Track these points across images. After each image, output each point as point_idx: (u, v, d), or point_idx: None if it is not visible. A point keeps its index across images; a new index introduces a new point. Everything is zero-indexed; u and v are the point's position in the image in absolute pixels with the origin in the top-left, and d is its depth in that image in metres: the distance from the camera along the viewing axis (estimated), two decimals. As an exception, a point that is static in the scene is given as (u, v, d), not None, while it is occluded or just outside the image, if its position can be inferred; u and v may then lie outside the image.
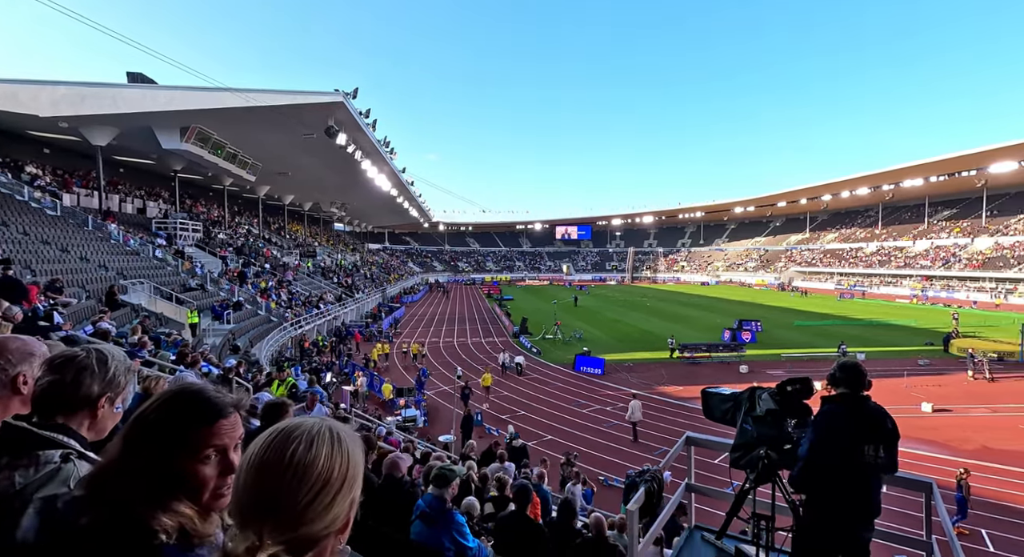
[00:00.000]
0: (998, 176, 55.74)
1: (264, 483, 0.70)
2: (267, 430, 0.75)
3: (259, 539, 0.67)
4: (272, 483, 0.69)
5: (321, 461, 0.71)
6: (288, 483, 0.69)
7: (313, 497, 0.69)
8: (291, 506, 0.69)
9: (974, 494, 11.07)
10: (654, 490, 3.37)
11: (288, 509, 0.69)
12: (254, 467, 0.71)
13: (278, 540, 0.68)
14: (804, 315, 41.03)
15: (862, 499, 2.81)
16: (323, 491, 0.70)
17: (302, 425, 0.76)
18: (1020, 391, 18.84)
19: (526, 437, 14.21)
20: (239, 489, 0.72)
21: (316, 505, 0.69)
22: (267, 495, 0.69)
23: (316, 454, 0.71)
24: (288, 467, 0.70)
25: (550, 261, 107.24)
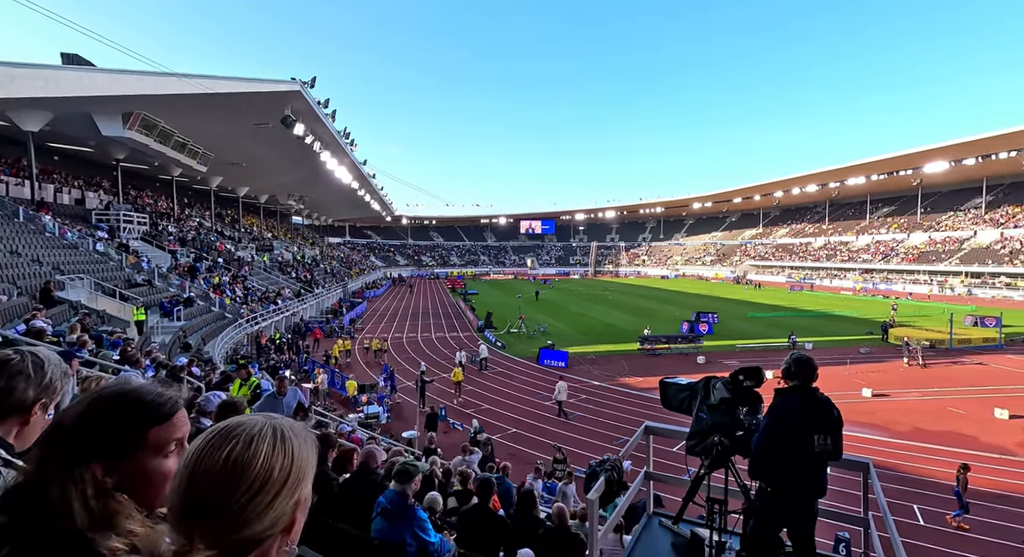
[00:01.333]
0: (931, 175, 59.60)
1: (198, 484, 0.67)
2: (207, 429, 0.73)
3: (189, 542, 0.65)
4: (206, 484, 0.66)
5: (260, 460, 0.69)
6: (223, 484, 0.66)
7: (250, 498, 0.67)
8: (226, 508, 0.66)
9: (910, 472, 11.90)
10: (614, 479, 3.46)
11: (223, 511, 0.66)
12: (188, 467, 0.69)
13: (211, 543, 0.65)
14: (757, 307, 42.80)
15: (811, 483, 2.97)
16: (262, 492, 0.68)
17: (243, 423, 0.73)
18: (949, 376, 20.30)
19: (491, 431, 14.27)
20: (173, 490, 0.69)
21: (254, 506, 0.67)
22: (200, 496, 0.66)
23: (255, 453, 0.69)
24: (224, 467, 0.67)
25: (515, 255, 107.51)
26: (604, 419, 15.92)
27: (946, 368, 21.51)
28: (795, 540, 3.02)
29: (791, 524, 3.02)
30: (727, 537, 3.38)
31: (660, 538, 3.80)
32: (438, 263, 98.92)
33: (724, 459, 3.46)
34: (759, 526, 3.03)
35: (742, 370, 3.50)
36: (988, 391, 18.04)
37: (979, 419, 15.27)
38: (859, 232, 71.81)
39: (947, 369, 21.37)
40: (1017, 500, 10.49)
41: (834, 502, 3.55)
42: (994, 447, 13.23)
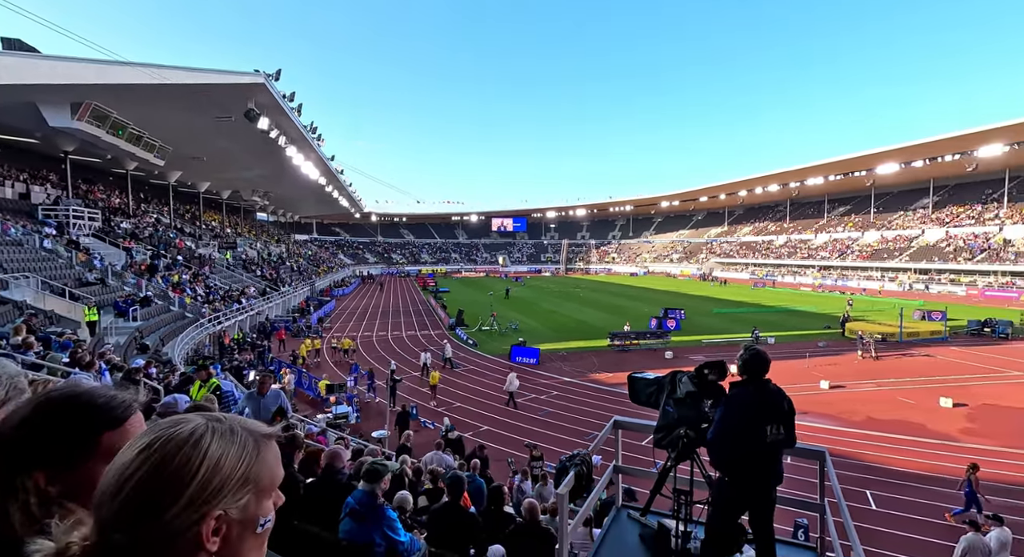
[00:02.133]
0: (884, 176, 62.48)
1: (121, 483, 0.63)
2: None
3: (98, 537, 0.63)
4: (129, 483, 0.63)
5: (191, 461, 0.65)
6: (146, 484, 0.63)
7: (173, 499, 0.63)
8: (149, 508, 0.63)
9: (864, 460, 12.47)
10: (583, 473, 3.50)
11: (142, 510, 0.63)
12: (114, 468, 0.65)
13: (119, 540, 0.63)
14: (722, 303, 44.04)
15: (767, 471, 3.08)
16: (186, 493, 0.64)
17: (167, 424, 0.69)
18: (899, 367, 21.37)
19: (462, 429, 14.23)
20: (97, 492, 0.65)
21: (176, 507, 0.64)
22: (108, 493, 0.63)
23: (185, 454, 0.65)
24: (148, 467, 0.64)
25: (486, 253, 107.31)
26: (575, 414, 16.09)
27: (897, 360, 22.63)
28: (755, 527, 3.12)
29: (751, 512, 3.12)
30: (693, 527, 3.47)
31: (629, 530, 3.86)
32: (409, 261, 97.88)
33: (690, 451, 3.55)
34: (720, 515, 3.12)
35: (706, 364, 3.59)
36: (934, 381, 19.08)
37: (926, 408, 16.14)
38: (817, 230, 74.71)
39: (897, 361, 22.48)
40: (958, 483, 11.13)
41: (793, 490, 3.69)
42: (939, 434, 14.01)
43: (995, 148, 48.35)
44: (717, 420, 3.16)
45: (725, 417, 3.10)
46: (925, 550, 8.72)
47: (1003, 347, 24.97)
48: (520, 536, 4.24)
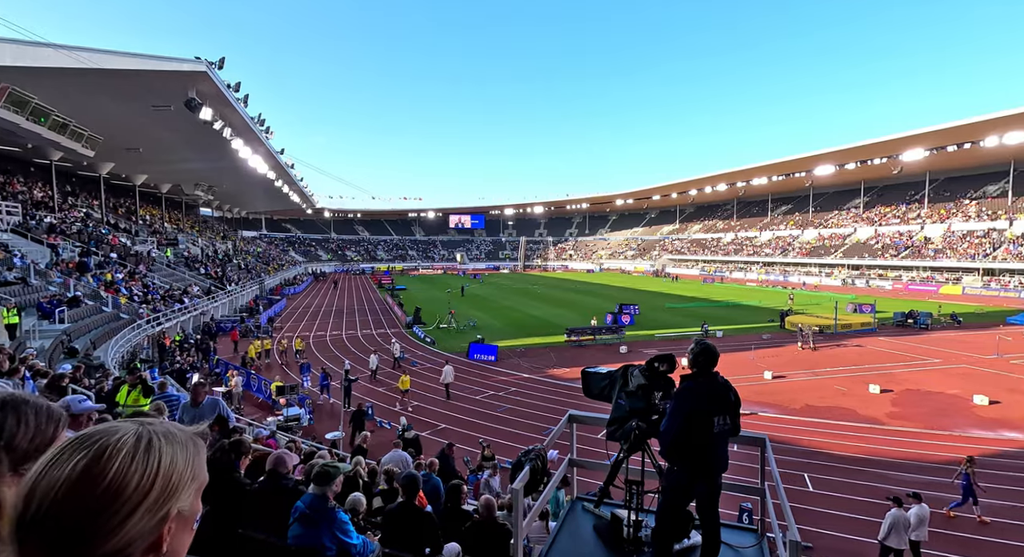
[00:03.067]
0: (821, 178, 66.31)
1: (39, 500, 0.60)
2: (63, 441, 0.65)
3: None
4: (51, 500, 0.60)
5: (111, 474, 0.62)
6: (67, 500, 0.60)
7: (96, 516, 0.60)
8: (67, 526, 0.60)
9: (802, 445, 13.23)
10: (539, 468, 3.54)
11: (64, 530, 0.59)
12: (30, 481, 0.62)
13: None
14: (674, 298, 45.57)
15: (714, 459, 3.22)
16: (112, 508, 0.61)
17: (99, 432, 0.66)
18: (834, 357, 22.80)
19: (420, 427, 14.08)
20: (11, 506, 0.61)
21: (101, 525, 0.61)
22: (40, 514, 0.59)
23: (106, 465, 0.62)
24: (67, 481, 0.61)
25: (444, 250, 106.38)
26: (534, 410, 16.25)
27: (832, 350, 24.13)
28: (702, 513, 3.26)
29: (698, 499, 3.26)
30: (644, 516, 3.58)
31: (583, 522, 3.95)
32: (364, 258, 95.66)
33: (641, 442, 3.66)
34: (670, 503, 3.24)
35: (657, 357, 3.71)
36: (865, 369, 20.49)
37: (857, 394, 17.32)
38: (762, 228, 78.51)
39: (833, 351, 23.98)
40: (884, 463, 12.04)
41: (737, 476, 3.88)
42: (868, 418, 15.07)
43: (917, 153, 52.25)
44: (669, 412, 3.26)
45: (676, 409, 3.21)
46: (855, 526, 9.37)
47: (924, 336, 27.10)
48: (477, 532, 4.26)
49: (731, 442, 3.38)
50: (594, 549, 3.58)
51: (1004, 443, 13.14)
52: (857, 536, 8.99)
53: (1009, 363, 21.10)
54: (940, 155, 52.06)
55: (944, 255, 50.69)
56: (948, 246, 51.63)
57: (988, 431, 13.94)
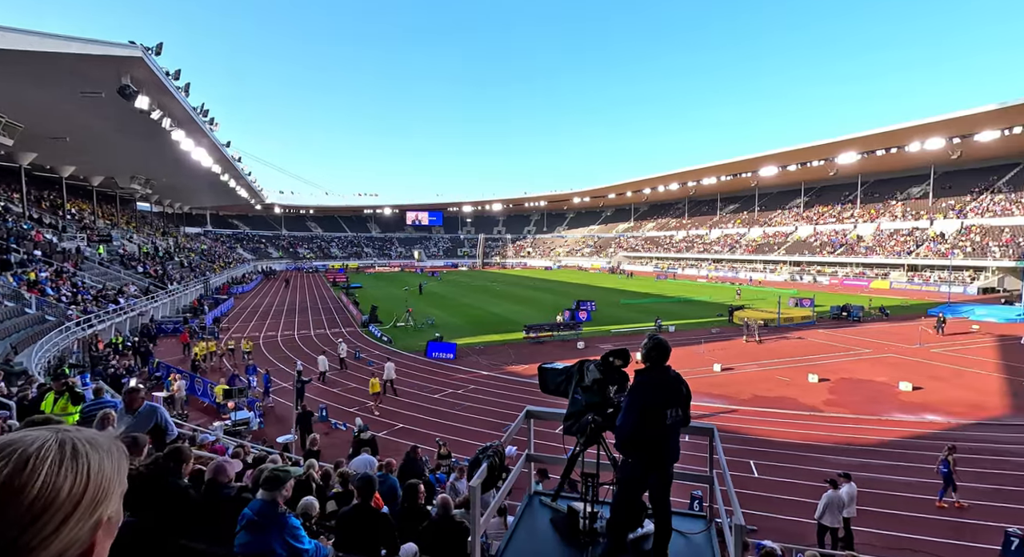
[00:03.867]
0: (765, 178, 69.66)
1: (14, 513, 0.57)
2: None
3: None
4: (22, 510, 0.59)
5: (40, 482, 0.60)
6: (34, 507, 0.59)
7: (28, 526, 0.58)
8: (4, 538, 0.57)
9: (748, 433, 13.89)
10: (496, 464, 3.55)
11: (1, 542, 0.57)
12: None
13: None
14: (629, 295, 46.73)
15: (667, 450, 3.32)
16: (44, 517, 0.59)
17: (18, 440, 0.63)
18: (778, 349, 24.05)
19: (376, 427, 13.83)
20: None
21: (34, 534, 0.58)
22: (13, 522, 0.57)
23: (33, 474, 0.60)
24: (38, 489, 0.59)
25: (401, 247, 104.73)
26: (492, 407, 16.28)
27: (776, 343, 25.44)
28: (655, 502, 3.36)
29: (651, 489, 3.36)
30: (599, 507, 3.66)
31: (540, 516, 3.99)
32: (317, 255, 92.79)
33: (597, 436, 3.73)
34: (624, 493, 3.32)
35: (611, 352, 3.79)
36: (805, 360, 21.72)
37: (798, 384, 18.34)
38: (711, 227, 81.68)
39: (776, 343, 25.28)
40: (822, 448, 12.82)
41: (688, 465, 4.03)
42: (808, 406, 16.00)
43: (850, 156, 55.77)
44: (624, 407, 3.34)
45: (631, 404, 3.28)
46: (795, 508, 9.93)
47: (857, 328, 29.00)
48: (434, 532, 4.23)
49: (682, 433, 3.50)
50: (551, 542, 3.63)
51: (926, 425, 14.27)
52: (797, 517, 9.53)
53: (930, 351, 22.90)
54: (870, 159, 55.76)
55: (874, 252, 54.39)
56: (878, 244, 55.42)
57: (912, 415, 15.10)
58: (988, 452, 12.31)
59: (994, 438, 13.31)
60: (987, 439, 13.24)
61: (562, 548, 3.53)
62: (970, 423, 14.38)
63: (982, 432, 13.75)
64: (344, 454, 11.14)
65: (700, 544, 3.58)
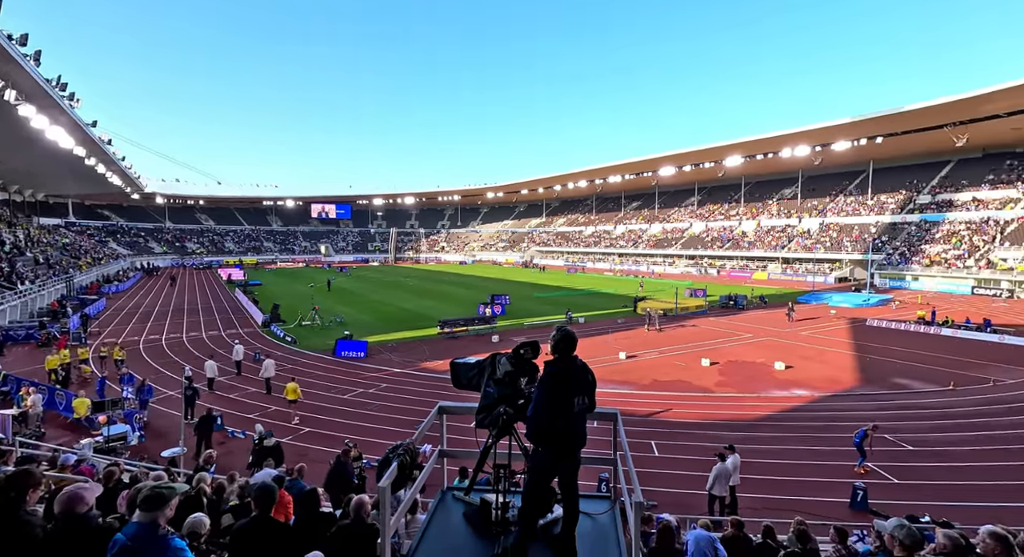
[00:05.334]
0: (664, 178, 74.83)
1: None
2: None
3: None
4: None
5: None
6: None
7: None
8: None
9: (649, 416, 14.90)
10: (407, 462, 3.48)
11: None
12: None
13: None
14: (542, 288, 48.02)
15: (574, 437, 3.46)
16: None
17: None
18: (675, 337, 26.04)
19: (281, 433, 12.99)
20: None
21: None
22: None
23: None
24: None
25: (306, 241, 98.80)
26: (406, 405, 15.94)
27: (674, 331, 27.52)
28: (564, 487, 3.49)
29: (560, 475, 3.48)
30: (511, 497, 3.73)
31: (453, 511, 3.99)
32: (209, 250, 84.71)
33: (509, 427, 3.79)
34: (535, 482, 3.41)
35: (522, 344, 3.86)
36: (699, 346, 23.74)
37: (693, 368, 20.01)
38: (617, 222, 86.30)
39: (674, 331, 27.35)
40: (714, 425, 14.12)
41: (596, 449, 4.22)
42: (701, 388, 17.52)
43: (735, 159, 61.62)
44: (535, 398, 3.42)
45: (541, 394, 3.37)
46: (691, 482, 10.84)
47: (742, 315, 32.24)
48: (343, 536, 4.05)
49: (589, 419, 3.67)
50: (463, 536, 3.64)
51: (796, 399, 16.25)
52: (692, 490, 10.41)
53: (799, 335, 26.08)
54: (752, 162, 62.01)
55: (755, 247, 60.74)
56: (758, 239, 61.93)
57: (785, 391, 17.11)
58: (842, 419, 14.31)
59: (847, 407, 15.49)
60: (842, 408, 15.38)
61: (474, 540, 3.55)
62: (829, 395, 16.61)
63: (838, 402, 15.95)
64: (243, 464, 10.34)
65: (605, 523, 3.79)
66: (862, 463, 11.22)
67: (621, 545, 3.47)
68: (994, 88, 36.73)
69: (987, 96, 37.82)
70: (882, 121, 45.70)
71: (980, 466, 11.39)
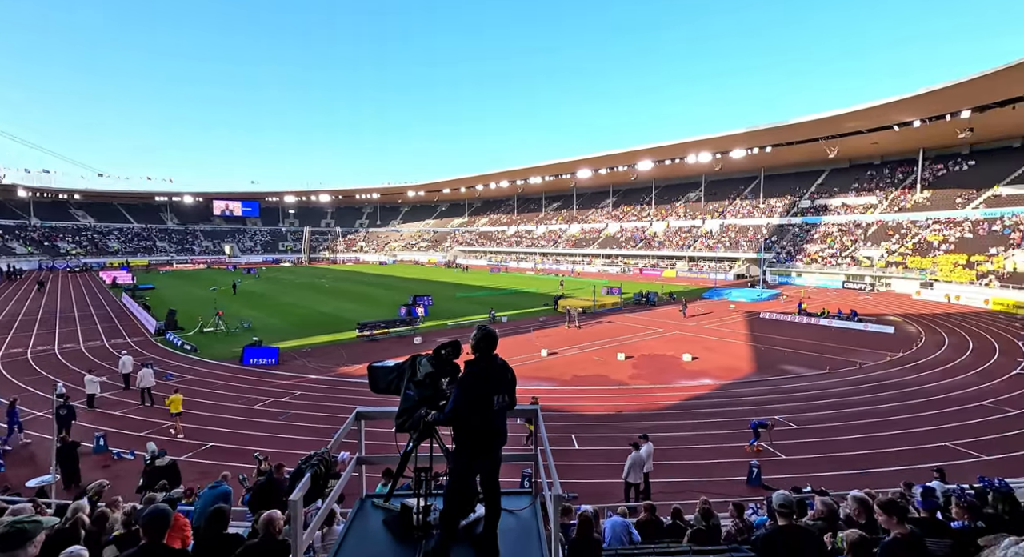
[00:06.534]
0: (582, 180, 77.63)
1: None
2: None
3: None
4: None
5: None
6: None
7: None
8: None
9: (569, 410, 15.38)
10: (321, 472, 3.31)
11: None
12: None
13: None
14: (465, 288, 47.90)
15: (495, 435, 3.48)
16: None
17: None
18: (594, 333, 27.10)
19: (177, 451, 11.84)
20: None
21: None
22: None
23: None
24: None
25: (207, 241, 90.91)
26: (322, 413, 15.18)
27: (592, 327, 28.63)
28: (485, 486, 3.50)
29: (482, 474, 3.49)
30: (433, 500, 3.68)
31: (373, 519, 3.86)
32: (88, 251, 75.27)
33: (430, 430, 3.73)
34: (456, 482, 3.39)
35: (443, 345, 3.82)
36: (615, 341, 24.89)
37: (610, 362, 20.94)
38: (538, 223, 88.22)
39: (593, 328, 28.46)
40: (629, 416, 14.88)
41: (517, 446, 4.28)
42: (617, 381, 18.38)
43: (646, 164, 65.39)
44: (453, 396, 3.40)
45: (460, 393, 3.36)
46: (608, 471, 11.33)
47: (654, 311, 34.27)
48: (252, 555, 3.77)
49: (510, 416, 3.71)
50: (383, 543, 3.54)
51: (702, 388, 17.56)
52: (609, 479, 10.89)
53: (703, 327, 28.22)
54: (662, 167, 66.12)
55: (665, 246, 64.89)
56: (667, 239, 66.20)
57: (692, 380, 18.44)
58: (740, 404, 15.70)
59: (744, 393, 17.01)
60: (740, 394, 16.87)
61: (395, 547, 3.46)
62: (729, 383, 18.14)
63: (737, 389, 17.47)
64: (132, 486, 9.31)
65: (527, 518, 3.85)
66: (753, 443, 12.38)
67: (542, 539, 3.54)
68: (852, 109, 42.23)
69: (848, 115, 43.35)
70: (770, 133, 50.71)
71: (852, 439, 13.00)
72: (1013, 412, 14.58)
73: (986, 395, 16.13)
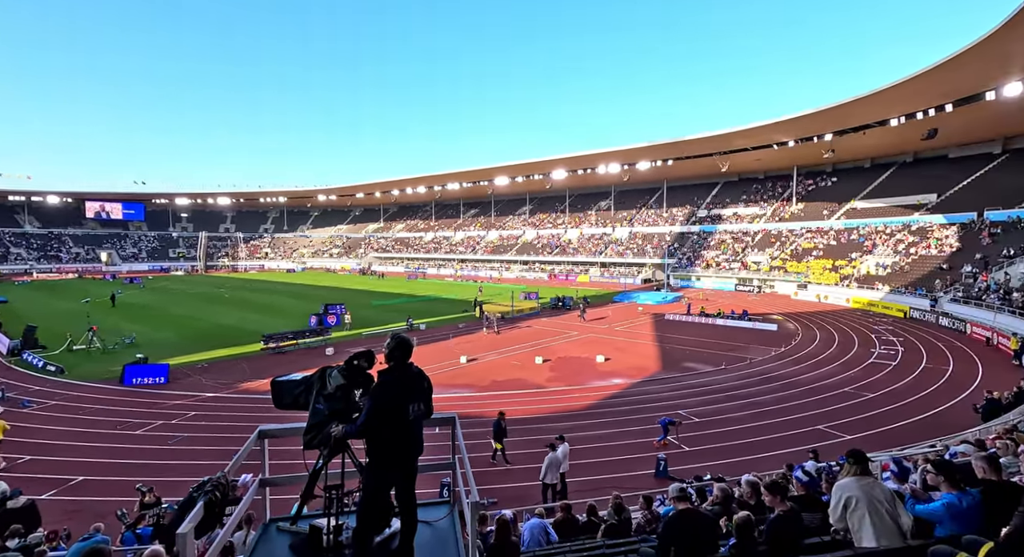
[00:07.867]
0: (500, 187, 78.74)
1: None
2: None
3: None
4: None
5: None
6: None
7: None
8: None
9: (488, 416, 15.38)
10: (216, 499, 3.03)
11: None
12: None
13: None
14: (381, 295, 46.42)
15: (410, 445, 3.40)
16: None
17: None
18: (512, 338, 27.46)
19: (36, 489, 10.25)
20: None
21: None
22: None
23: None
24: None
25: (78, 247, 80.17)
26: (222, 433, 13.93)
27: (511, 332, 29.00)
28: (401, 498, 3.40)
29: (396, 486, 3.38)
30: (344, 518, 3.51)
31: (278, 544, 3.60)
32: (-83, 258, 63.15)
33: (342, 445, 3.56)
34: (368, 496, 3.27)
35: (356, 355, 3.68)
36: (533, 345, 25.40)
37: (528, 366, 21.32)
38: (456, 229, 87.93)
39: (511, 333, 28.84)
40: (545, 419, 15.23)
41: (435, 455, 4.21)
42: (536, 384, 18.76)
43: (560, 173, 67.78)
44: (367, 406, 3.28)
45: (373, 404, 3.25)
46: (527, 474, 11.52)
47: (569, 315, 35.45)
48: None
49: (426, 425, 3.65)
50: (290, 570, 3.31)
51: (614, 387, 18.43)
52: (527, 482, 11.07)
53: (614, 330, 29.68)
54: (575, 176, 68.84)
55: (579, 253, 67.50)
56: (581, 246, 68.93)
57: (604, 381, 19.29)
58: (648, 401, 16.69)
59: (652, 390, 18.11)
60: (648, 392, 17.93)
61: (303, 573, 3.26)
62: (638, 381, 19.22)
63: (645, 387, 18.55)
64: None
65: (444, 528, 3.79)
66: (662, 439, 13.21)
67: (460, 547, 3.51)
68: (738, 128, 47.03)
69: (736, 133, 48.18)
70: (671, 147, 54.81)
71: (745, 428, 14.31)
72: (869, 395, 16.89)
73: (848, 382, 18.54)
